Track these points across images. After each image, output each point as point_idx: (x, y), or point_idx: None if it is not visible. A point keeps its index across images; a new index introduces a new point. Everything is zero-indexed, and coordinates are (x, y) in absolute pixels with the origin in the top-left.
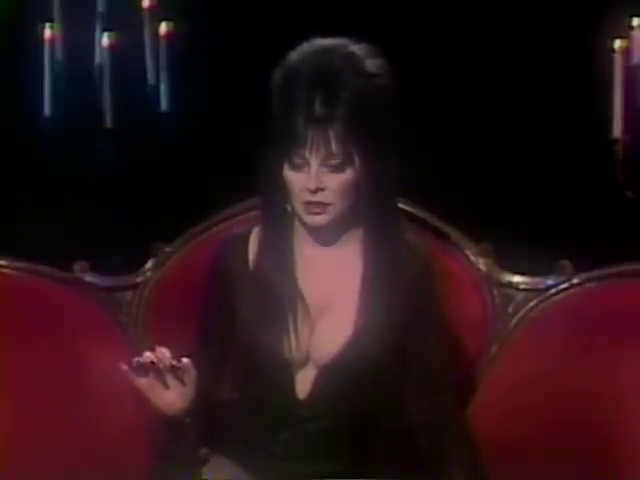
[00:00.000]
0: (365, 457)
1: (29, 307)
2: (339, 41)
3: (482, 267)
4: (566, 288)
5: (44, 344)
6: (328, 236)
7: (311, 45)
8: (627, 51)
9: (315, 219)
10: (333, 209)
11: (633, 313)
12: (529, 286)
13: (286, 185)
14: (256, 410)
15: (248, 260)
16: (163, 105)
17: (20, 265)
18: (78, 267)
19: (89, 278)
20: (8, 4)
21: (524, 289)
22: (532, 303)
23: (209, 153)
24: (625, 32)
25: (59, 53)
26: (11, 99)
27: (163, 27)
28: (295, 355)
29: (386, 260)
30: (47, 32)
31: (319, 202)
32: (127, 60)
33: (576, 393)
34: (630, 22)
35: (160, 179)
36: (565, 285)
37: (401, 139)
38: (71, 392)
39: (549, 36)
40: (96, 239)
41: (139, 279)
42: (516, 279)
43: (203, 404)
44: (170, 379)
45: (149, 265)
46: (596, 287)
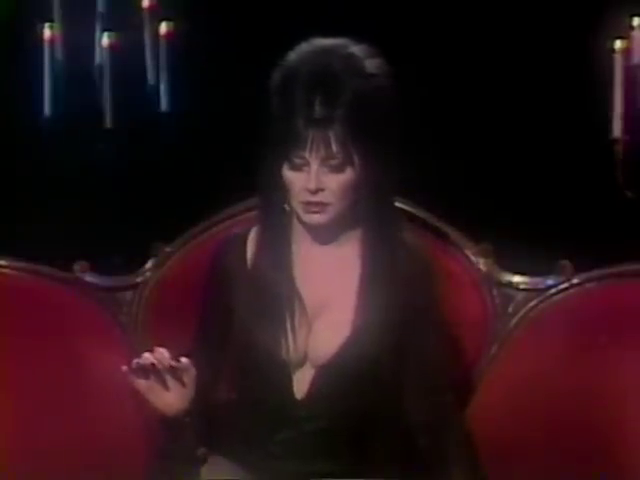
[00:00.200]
0: (363, 457)
1: (29, 307)
2: (338, 41)
3: (482, 267)
4: (566, 288)
5: (44, 344)
6: (326, 236)
7: (310, 45)
8: (627, 51)
9: (314, 218)
10: (332, 209)
11: (633, 313)
12: (529, 286)
13: (285, 185)
14: (254, 410)
15: (246, 259)
16: (163, 105)
17: (20, 265)
18: (78, 267)
19: (89, 278)
20: (8, 4)
21: (524, 289)
22: (532, 303)
23: (209, 153)
24: (625, 32)
25: (59, 53)
26: (11, 99)
27: (163, 27)
28: (293, 355)
29: (384, 260)
30: (47, 32)
31: (318, 202)
32: (127, 60)
33: (576, 393)
34: (630, 22)
35: (160, 179)
36: (565, 285)
37: (401, 139)
38: (71, 392)
39: (549, 36)
40: (96, 239)
41: (139, 279)
42: (516, 279)
43: (202, 404)
44: (169, 380)
45: (149, 265)
46: (596, 287)
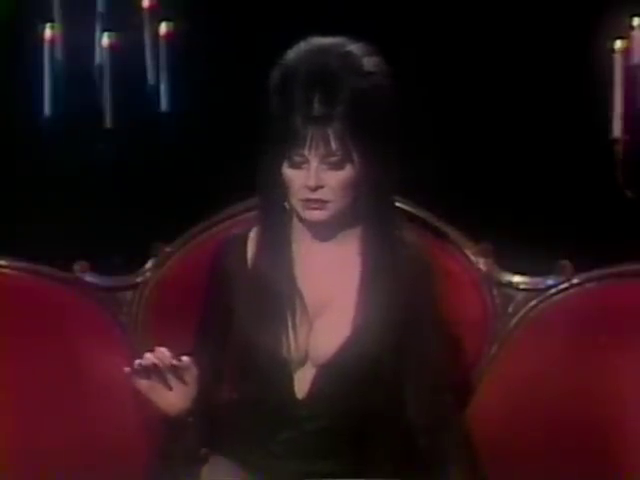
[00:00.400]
0: (364, 457)
1: (29, 307)
2: (336, 40)
3: (482, 267)
4: (566, 288)
5: (44, 344)
6: (326, 234)
7: (308, 44)
8: (627, 51)
9: (314, 214)
10: (332, 206)
11: (633, 313)
12: (529, 286)
13: (284, 183)
14: (255, 410)
15: (247, 259)
16: (163, 105)
17: (20, 265)
18: (78, 267)
19: (89, 278)
20: (8, 4)
21: (524, 289)
22: (532, 303)
23: (209, 153)
24: (625, 32)
25: (59, 53)
26: (11, 99)
27: (163, 27)
28: (294, 354)
29: (384, 258)
30: (47, 32)
31: (318, 199)
32: (127, 60)
33: (576, 393)
34: (630, 22)
35: (160, 179)
36: (565, 285)
37: (400, 139)
38: (71, 392)
39: (549, 36)
40: (96, 239)
41: (139, 279)
42: (516, 279)
43: (204, 404)
44: (172, 379)
45: (149, 265)
46: (596, 287)
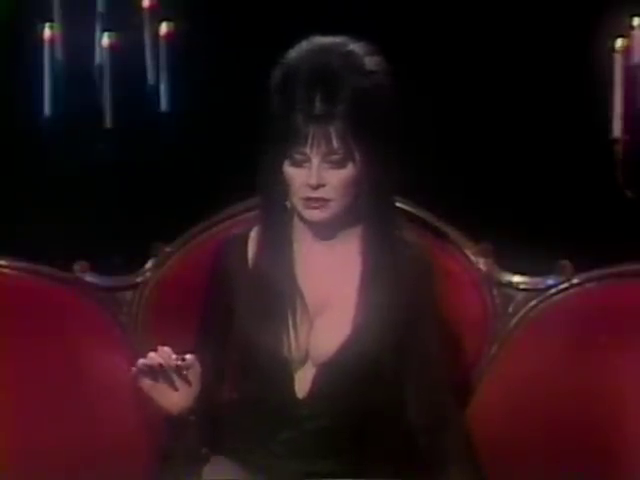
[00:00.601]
0: (364, 456)
1: (29, 307)
2: (337, 39)
3: (482, 267)
4: (566, 288)
5: (44, 344)
6: (327, 233)
7: (310, 44)
8: (627, 51)
9: (314, 214)
10: (333, 205)
11: (633, 313)
12: (529, 286)
13: (285, 182)
14: (255, 409)
15: (247, 259)
16: (163, 105)
17: (20, 265)
18: (78, 267)
19: (89, 278)
20: (8, 4)
21: (524, 289)
22: (532, 303)
23: (209, 153)
24: (625, 32)
25: (59, 53)
26: (11, 99)
27: (163, 27)
28: (294, 353)
29: (385, 258)
30: (47, 32)
31: (319, 198)
32: (127, 60)
33: (576, 393)
34: (630, 22)
35: (160, 179)
36: (565, 285)
37: (401, 139)
38: (71, 392)
39: (549, 36)
40: (96, 239)
41: (139, 279)
42: (516, 279)
43: (205, 404)
44: (176, 379)
45: (149, 265)
46: (596, 287)
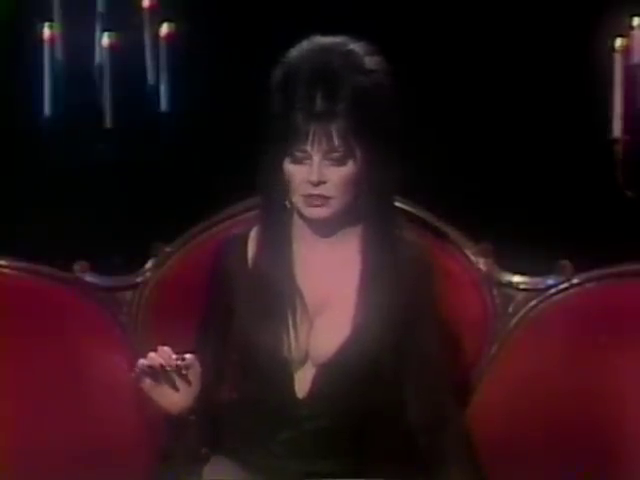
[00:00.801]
0: (364, 456)
1: (29, 307)
2: (338, 39)
3: (482, 267)
4: (566, 288)
5: (44, 344)
6: (327, 232)
7: (310, 43)
8: (627, 50)
9: (315, 211)
10: (334, 202)
11: (633, 313)
12: (529, 286)
13: (285, 181)
14: (255, 409)
15: (247, 259)
16: (163, 105)
17: (20, 265)
18: (78, 267)
19: (89, 278)
20: (8, 4)
21: (524, 289)
22: (532, 303)
23: (209, 153)
24: (625, 32)
25: (59, 53)
26: (11, 99)
27: (164, 28)
28: (294, 353)
29: (385, 257)
30: (47, 32)
31: (320, 195)
32: (127, 60)
33: (576, 393)
34: (630, 21)
35: (160, 179)
36: (565, 285)
37: (401, 139)
38: (71, 392)
39: (549, 36)
40: (96, 239)
41: (139, 279)
42: (516, 279)
43: (205, 404)
44: (176, 379)
45: (149, 265)
46: (596, 287)
